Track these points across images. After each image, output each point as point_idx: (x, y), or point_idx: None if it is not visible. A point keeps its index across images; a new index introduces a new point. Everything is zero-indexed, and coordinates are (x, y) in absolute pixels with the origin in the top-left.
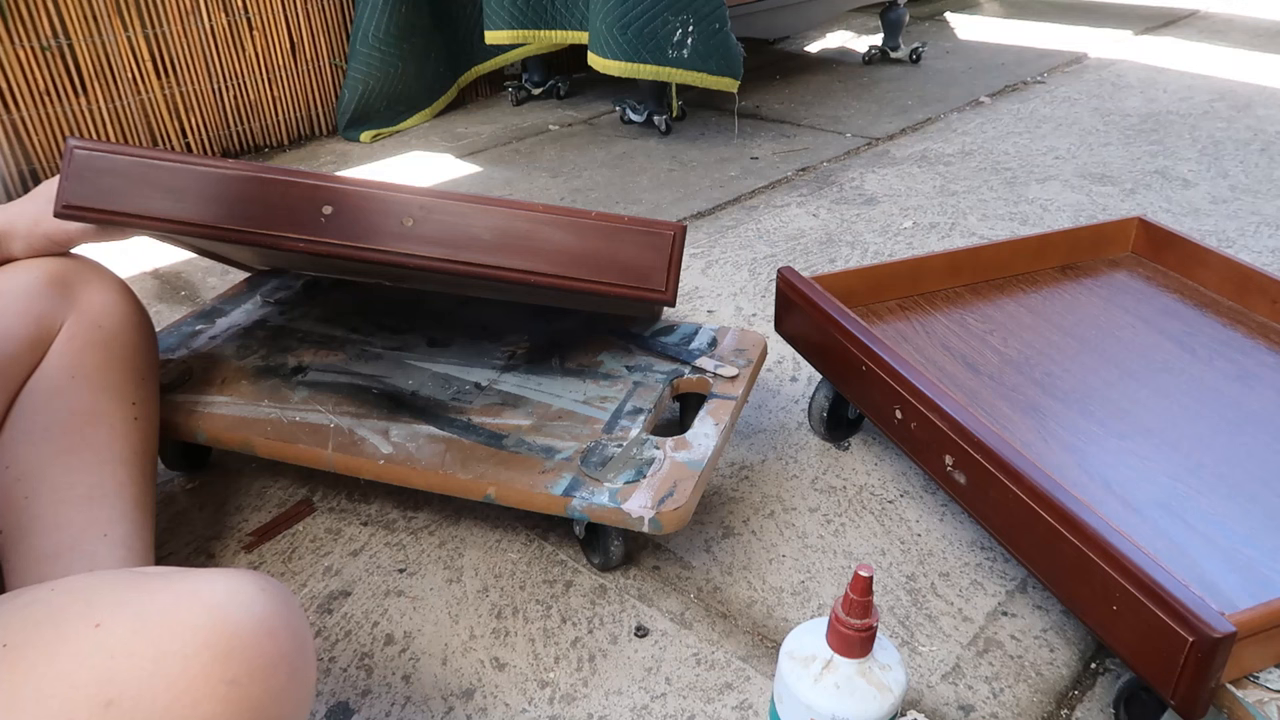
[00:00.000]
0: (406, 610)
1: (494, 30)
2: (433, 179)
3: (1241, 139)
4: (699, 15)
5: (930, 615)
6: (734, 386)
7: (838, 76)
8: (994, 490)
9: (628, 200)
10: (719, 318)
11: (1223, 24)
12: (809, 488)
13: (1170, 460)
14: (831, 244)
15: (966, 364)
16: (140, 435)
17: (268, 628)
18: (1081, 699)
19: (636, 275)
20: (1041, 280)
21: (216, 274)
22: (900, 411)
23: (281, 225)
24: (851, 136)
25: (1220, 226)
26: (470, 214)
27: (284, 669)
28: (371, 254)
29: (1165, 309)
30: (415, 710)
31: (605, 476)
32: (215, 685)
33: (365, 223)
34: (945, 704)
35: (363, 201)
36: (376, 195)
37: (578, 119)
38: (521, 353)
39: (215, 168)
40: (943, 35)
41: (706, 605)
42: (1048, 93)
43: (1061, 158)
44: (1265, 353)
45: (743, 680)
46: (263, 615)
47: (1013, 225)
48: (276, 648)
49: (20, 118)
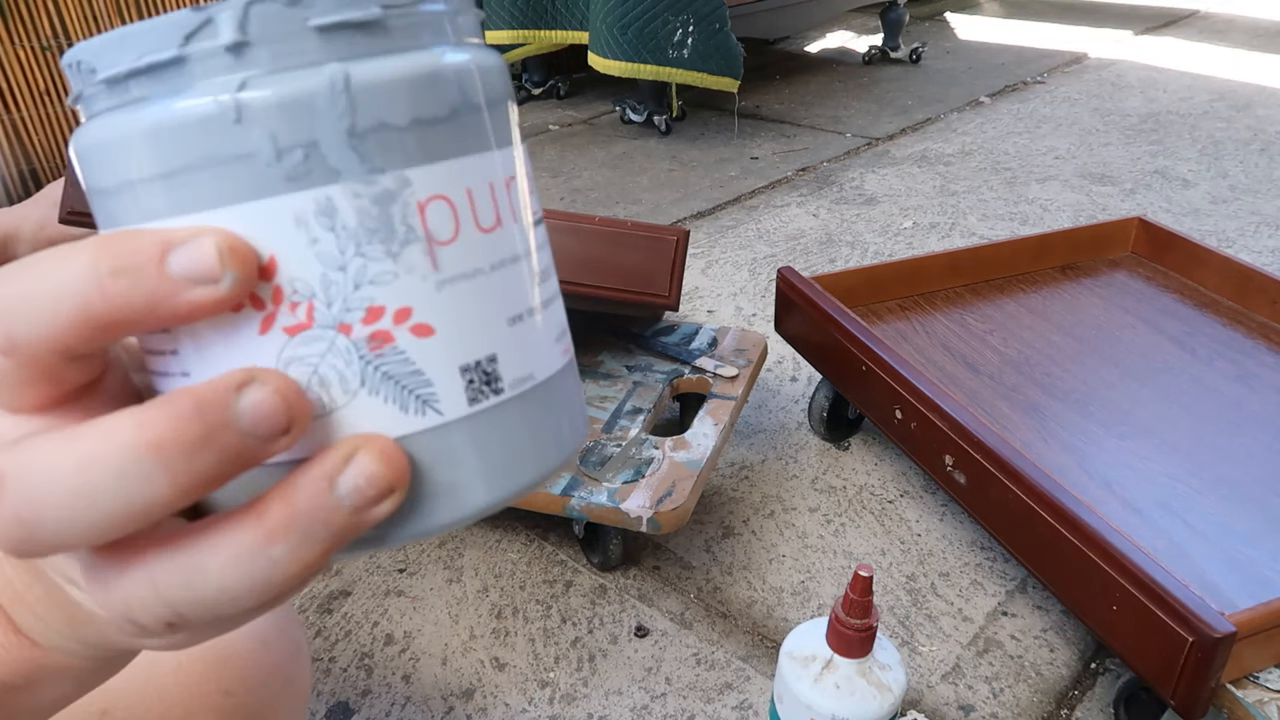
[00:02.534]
0: (406, 610)
1: (494, 30)
2: None
3: (1241, 139)
4: (699, 15)
5: (930, 615)
6: (734, 386)
7: (838, 76)
8: (994, 490)
9: (627, 200)
10: (719, 318)
11: (1223, 24)
12: (809, 488)
13: (1170, 460)
14: (831, 244)
15: (966, 364)
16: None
17: (262, 637)
18: (1081, 699)
19: (640, 280)
20: (1041, 280)
21: None
22: (900, 411)
23: None
24: (851, 136)
25: (1220, 226)
26: None
27: (279, 678)
28: None
29: (1165, 309)
30: (415, 710)
31: (604, 476)
32: (209, 695)
33: None
34: (945, 704)
35: None
36: None
37: (578, 119)
38: None
39: None
40: (943, 35)
41: (706, 605)
42: (1048, 93)
43: (1061, 158)
44: (1265, 353)
45: (743, 680)
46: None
47: (1013, 225)
48: (271, 657)
49: (20, 118)
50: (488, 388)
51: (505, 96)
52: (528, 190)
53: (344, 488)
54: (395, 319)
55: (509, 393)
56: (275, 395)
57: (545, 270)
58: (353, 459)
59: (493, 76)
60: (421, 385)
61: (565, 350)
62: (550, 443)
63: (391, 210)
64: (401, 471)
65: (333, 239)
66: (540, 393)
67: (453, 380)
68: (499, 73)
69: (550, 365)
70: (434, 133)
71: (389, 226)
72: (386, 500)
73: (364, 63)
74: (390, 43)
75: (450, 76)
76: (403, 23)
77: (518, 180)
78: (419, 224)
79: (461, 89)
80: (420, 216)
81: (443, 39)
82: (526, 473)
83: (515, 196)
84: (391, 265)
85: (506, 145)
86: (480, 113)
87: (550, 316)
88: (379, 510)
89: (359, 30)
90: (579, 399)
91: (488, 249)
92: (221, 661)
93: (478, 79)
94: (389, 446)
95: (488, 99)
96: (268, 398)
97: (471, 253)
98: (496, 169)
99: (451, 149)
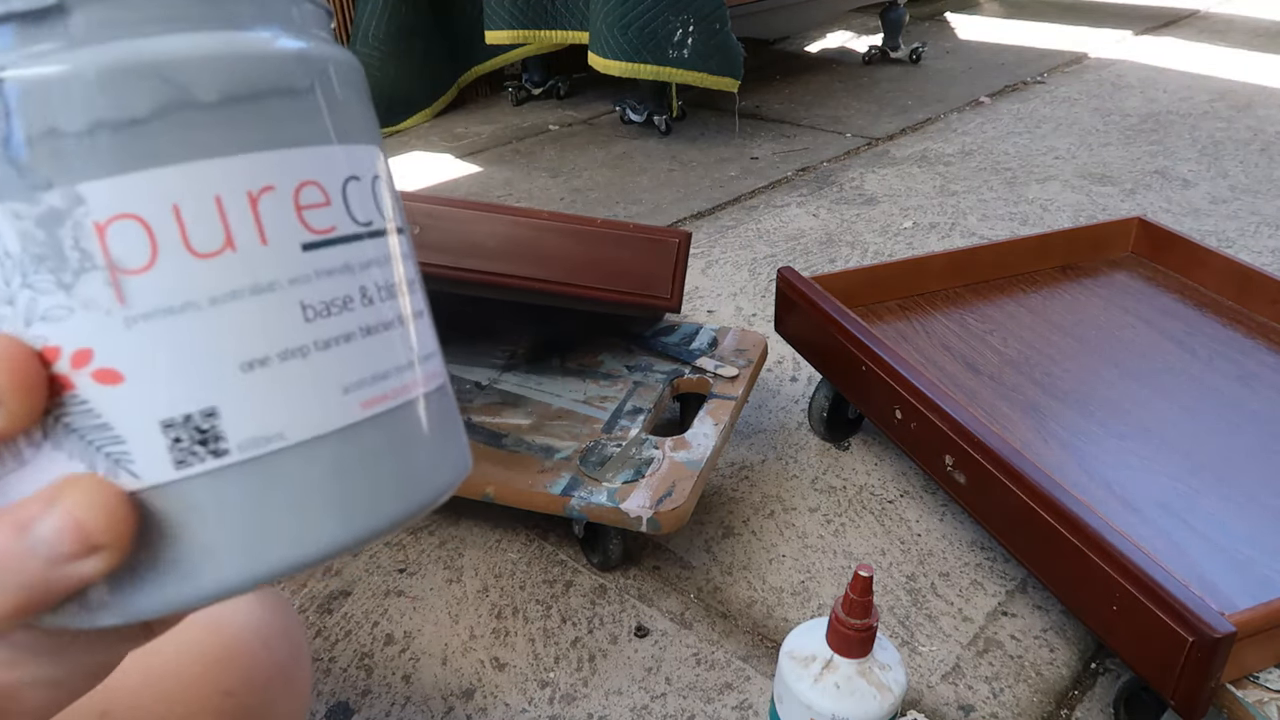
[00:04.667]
0: (406, 610)
1: (494, 30)
2: (433, 179)
3: (1241, 139)
4: (699, 15)
5: (930, 615)
6: (734, 386)
7: (838, 76)
8: (994, 490)
9: (628, 200)
10: (719, 318)
11: (1223, 24)
12: (809, 488)
13: (1170, 460)
14: (831, 244)
15: (966, 364)
16: None
17: (263, 637)
18: (1081, 699)
19: (641, 282)
20: (1041, 280)
21: None
22: (900, 411)
23: None
24: (851, 136)
25: (1220, 226)
26: (475, 222)
27: (280, 679)
28: None
29: (1165, 309)
30: (415, 710)
31: (604, 476)
32: (210, 696)
33: None
34: (945, 704)
35: None
36: None
37: (578, 119)
38: (522, 352)
39: None
40: (943, 35)
41: (706, 605)
42: (1048, 93)
43: (1061, 158)
44: (1265, 353)
45: (743, 680)
46: (259, 624)
47: (1013, 225)
48: (272, 658)
49: None
50: (202, 448)
51: (269, 90)
52: (322, 200)
53: (37, 535)
54: (73, 362)
55: (238, 455)
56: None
57: (351, 297)
58: (53, 505)
59: (235, 64)
60: (110, 442)
61: (384, 397)
62: (343, 509)
63: (60, 233)
64: (115, 528)
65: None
66: (302, 454)
67: (151, 437)
68: (243, 61)
69: (329, 419)
70: (123, 137)
71: (58, 252)
72: (92, 557)
73: (33, 62)
74: (70, 38)
75: (151, 67)
76: (88, 15)
77: (282, 190)
78: (97, 248)
79: (170, 80)
80: (99, 239)
81: (147, 23)
82: (302, 544)
83: (279, 209)
84: (65, 298)
85: (271, 148)
86: (202, 110)
87: (344, 356)
88: (83, 568)
89: (26, 21)
90: (415, 453)
91: (209, 277)
92: (222, 662)
93: (201, 67)
94: (107, 498)
95: (225, 92)
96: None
97: (179, 283)
98: (238, 177)
99: (153, 156)
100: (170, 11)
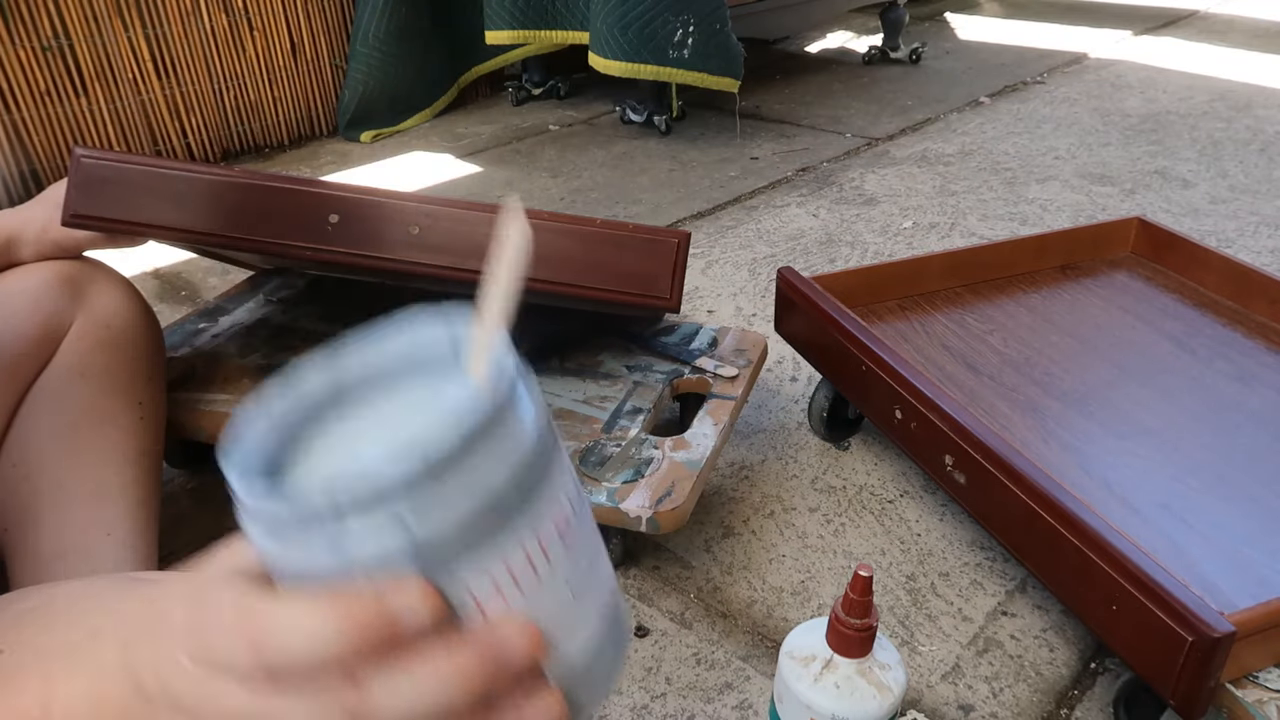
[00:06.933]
0: None
1: (495, 30)
2: (433, 179)
3: (1241, 139)
4: (699, 15)
5: (930, 615)
6: (734, 386)
7: (838, 76)
8: (994, 490)
9: (628, 200)
10: (719, 318)
11: (1223, 24)
12: (809, 488)
13: (1170, 460)
14: (831, 244)
15: (966, 364)
16: (146, 435)
17: None
18: (1081, 699)
19: (641, 282)
20: (1041, 280)
21: (217, 274)
22: (900, 411)
23: (288, 233)
24: (851, 136)
25: (1220, 226)
26: (475, 222)
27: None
28: (377, 262)
29: (1165, 309)
30: None
31: (603, 476)
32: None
33: (371, 231)
34: (945, 704)
35: (369, 210)
36: (382, 204)
37: (578, 119)
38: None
39: (222, 177)
40: (943, 35)
41: (706, 605)
42: (1048, 93)
43: (1061, 158)
44: (1265, 353)
45: (743, 680)
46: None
47: (1013, 225)
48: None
49: (21, 118)
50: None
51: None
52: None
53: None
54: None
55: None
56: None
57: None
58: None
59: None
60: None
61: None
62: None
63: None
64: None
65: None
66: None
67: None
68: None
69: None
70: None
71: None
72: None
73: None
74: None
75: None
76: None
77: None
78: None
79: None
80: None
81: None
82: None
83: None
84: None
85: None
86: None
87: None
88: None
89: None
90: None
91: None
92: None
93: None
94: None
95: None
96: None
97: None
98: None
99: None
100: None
